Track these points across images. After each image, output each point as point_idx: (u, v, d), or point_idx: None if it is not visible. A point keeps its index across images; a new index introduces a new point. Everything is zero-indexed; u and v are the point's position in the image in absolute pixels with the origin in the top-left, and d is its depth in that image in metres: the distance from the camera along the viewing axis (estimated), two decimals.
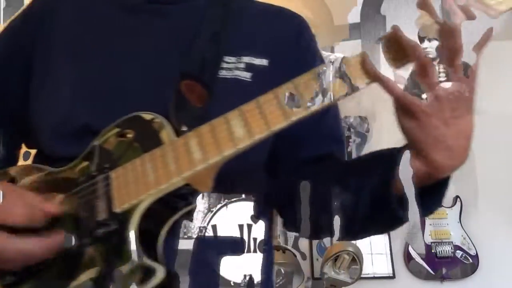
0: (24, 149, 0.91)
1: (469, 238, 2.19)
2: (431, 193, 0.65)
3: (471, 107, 0.60)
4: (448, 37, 0.56)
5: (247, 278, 0.73)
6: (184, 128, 0.67)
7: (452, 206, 2.25)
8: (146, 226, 0.64)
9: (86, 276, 0.63)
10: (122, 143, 0.70)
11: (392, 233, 2.23)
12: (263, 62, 0.80)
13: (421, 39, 0.58)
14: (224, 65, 0.78)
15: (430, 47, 0.57)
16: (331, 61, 0.60)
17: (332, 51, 2.39)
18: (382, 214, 0.68)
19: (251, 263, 0.75)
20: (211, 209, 0.75)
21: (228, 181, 0.73)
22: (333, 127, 0.86)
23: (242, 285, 0.74)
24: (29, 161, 0.84)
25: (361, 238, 0.80)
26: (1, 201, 0.64)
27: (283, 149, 0.80)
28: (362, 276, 1.96)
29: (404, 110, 0.59)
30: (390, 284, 2.20)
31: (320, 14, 2.46)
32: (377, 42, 0.60)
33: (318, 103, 0.59)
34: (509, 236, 2.20)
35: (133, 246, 0.61)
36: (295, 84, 0.60)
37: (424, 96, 0.59)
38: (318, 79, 0.60)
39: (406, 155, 0.62)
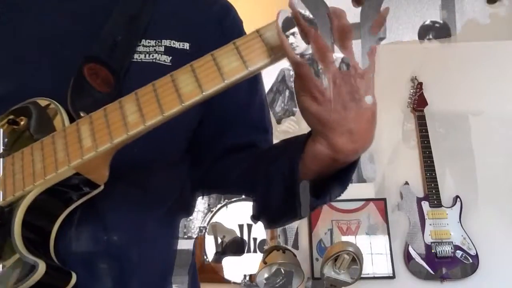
0: None
1: (469, 238, 2.19)
2: (338, 179, 0.65)
3: (370, 89, 0.59)
4: (336, 18, 0.56)
5: (247, 278, 0.73)
6: (83, 115, 0.64)
7: (452, 206, 2.25)
8: (35, 218, 0.60)
9: None
10: (14, 132, 0.66)
11: (392, 233, 2.24)
12: (185, 45, 0.77)
13: None
14: (142, 49, 0.74)
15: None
16: (243, 40, 0.59)
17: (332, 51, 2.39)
18: (291, 201, 0.66)
19: (251, 263, 0.75)
20: (211, 209, 0.75)
21: (146, 174, 0.71)
22: (258, 116, 0.84)
23: (242, 285, 0.74)
24: None
25: (282, 225, 0.78)
26: None
27: (207, 137, 0.79)
28: (362, 276, 1.96)
29: (304, 88, 0.58)
30: (390, 284, 2.19)
31: None
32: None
33: (215, 87, 0.57)
34: (509, 236, 2.20)
35: (15, 240, 0.57)
36: (193, 67, 0.58)
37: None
38: (216, 62, 0.58)
39: None
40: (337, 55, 0.57)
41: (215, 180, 0.79)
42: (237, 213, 2.03)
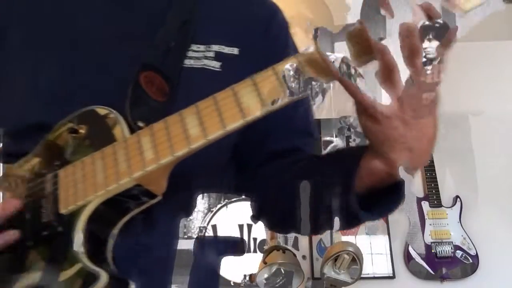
0: None
1: (469, 238, 2.19)
2: (392, 192, 0.64)
3: (433, 108, 0.58)
4: (406, 36, 0.54)
5: (247, 278, 0.73)
6: (141, 124, 0.64)
7: (452, 206, 2.25)
8: (94, 228, 0.61)
9: (28, 281, 0.61)
10: (74, 140, 0.66)
11: (392, 233, 2.24)
12: (234, 51, 0.76)
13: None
14: (192, 54, 0.73)
15: (430, 47, 0.56)
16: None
17: (332, 51, 2.39)
18: (342, 213, 0.66)
19: (251, 263, 0.75)
20: (211, 209, 0.75)
21: (189, 178, 0.71)
22: (303, 120, 0.83)
23: (242, 285, 0.74)
24: None
25: (323, 232, 0.78)
26: None
27: (251, 142, 0.78)
28: (362, 276, 1.96)
29: (364, 111, 0.57)
30: (390, 284, 2.19)
31: (320, 14, 2.46)
32: (342, 35, 0.59)
33: (279, 103, 0.56)
34: (509, 236, 2.20)
35: (77, 250, 0.58)
36: (254, 81, 0.57)
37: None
38: (278, 77, 0.56)
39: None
40: (337, 55, 0.57)
41: (258, 185, 0.78)
42: (237, 213, 2.03)
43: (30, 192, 0.66)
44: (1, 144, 0.82)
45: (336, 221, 0.68)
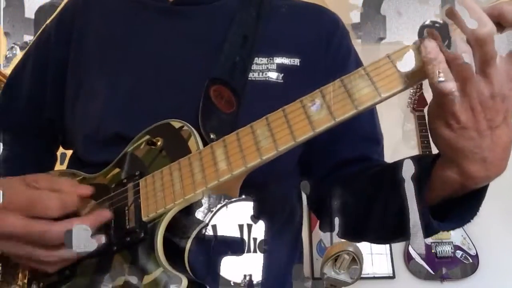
0: (60, 150, 0.94)
1: (469, 238, 2.19)
2: (466, 203, 0.62)
3: (508, 117, 0.56)
4: (477, 46, 0.52)
5: (247, 278, 0.73)
6: (213, 136, 0.67)
7: None
8: (173, 234, 0.64)
9: (115, 283, 0.64)
10: (152, 151, 0.70)
11: None
12: (295, 62, 0.78)
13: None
14: (255, 67, 0.77)
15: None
16: (375, 67, 0.57)
17: None
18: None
19: (251, 263, 0.75)
20: (211, 209, 0.75)
21: (258, 187, 0.72)
22: (369, 128, 0.83)
23: (242, 285, 0.74)
24: (66, 164, 0.86)
25: (393, 242, 0.78)
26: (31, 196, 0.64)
27: (317, 150, 0.79)
28: (362, 276, 1.96)
29: (439, 115, 0.56)
30: (390, 284, 2.20)
31: None
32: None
33: (347, 114, 0.57)
34: (509, 236, 2.20)
35: (159, 255, 0.62)
36: (323, 93, 0.58)
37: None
38: (346, 88, 0.57)
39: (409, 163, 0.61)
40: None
41: (324, 194, 0.79)
42: (237, 213, 2.03)
43: (114, 200, 0.70)
44: (1, 145, 0.83)
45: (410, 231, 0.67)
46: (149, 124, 0.72)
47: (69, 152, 0.87)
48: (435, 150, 0.61)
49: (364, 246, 2.15)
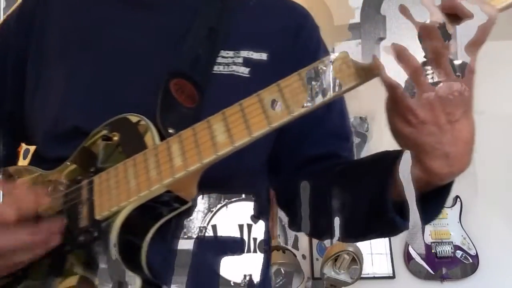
0: (24, 146, 0.91)
1: (469, 238, 2.19)
2: (432, 200, 0.62)
3: (468, 110, 0.56)
4: (429, 37, 0.53)
5: (247, 278, 0.73)
6: (172, 131, 0.65)
7: (452, 206, 2.25)
8: (128, 233, 0.62)
9: (67, 284, 0.63)
10: (108, 147, 0.69)
11: None
12: (262, 56, 0.76)
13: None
14: (221, 60, 0.74)
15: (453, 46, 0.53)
16: (331, 61, 0.57)
17: (333, 51, 2.40)
18: (379, 220, 0.66)
19: (251, 263, 0.75)
20: (211, 209, 0.74)
21: (226, 182, 0.72)
22: (338, 124, 0.82)
23: (242, 285, 0.73)
24: (28, 159, 0.84)
25: (362, 240, 0.77)
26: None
27: (286, 146, 0.78)
28: (362, 276, 1.96)
29: (396, 111, 0.56)
30: (390, 284, 2.19)
31: (320, 14, 2.46)
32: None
33: (305, 108, 0.56)
34: (509, 236, 2.20)
35: (113, 255, 0.60)
36: (280, 87, 0.57)
37: None
38: (304, 82, 0.56)
39: (407, 158, 0.59)
40: (338, 55, 0.57)
41: (293, 192, 0.77)
42: (237, 213, 2.03)
43: (68, 198, 0.68)
44: (1, 145, 0.83)
45: (376, 229, 0.70)
46: (108, 118, 0.70)
47: (33, 148, 0.84)
48: None
49: (364, 246, 2.15)
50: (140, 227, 0.64)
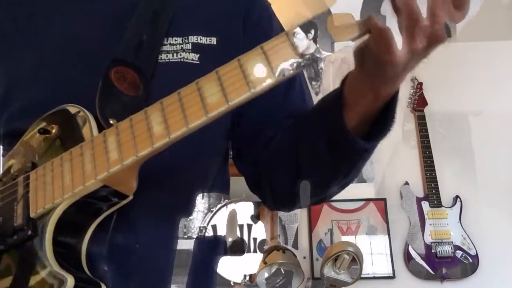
0: None
1: (469, 238, 2.19)
2: (383, 114, 0.61)
3: (442, 38, 0.55)
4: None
5: (247, 278, 0.72)
6: (112, 122, 0.61)
7: (452, 206, 2.25)
8: (65, 230, 0.60)
9: (1, 285, 0.60)
10: (46, 140, 0.65)
11: (392, 233, 2.24)
12: (212, 40, 0.73)
13: None
14: (168, 48, 0.71)
15: None
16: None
17: (332, 51, 2.39)
18: (342, 151, 0.63)
19: (251, 263, 0.75)
20: (211, 209, 0.74)
21: (174, 175, 0.69)
22: (299, 102, 0.78)
23: (242, 285, 0.73)
24: None
25: (332, 192, 0.74)
26: None
27: (247, 133, 0.76)
28: (362, 276, 1.96)
29: (378, 50, 0.54)
30: (390, 284, 2.19)
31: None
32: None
33: (241, 97, 0.52)
34: (509, 236, 2.20)
35: (47, 254, 0.57)
36: (219, 75, 0.53)
37: None
38: (242, 68, 0.52)
39: None
40: (337, 55, 0.56)
41: (258, 174, 0.75)
42: (237, 213, 2.03)
43: (3, 195, 0.65)
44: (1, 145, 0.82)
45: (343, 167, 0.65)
46: (47, 110, 0.66)
47: None
48: (435, 151, 0.61)
49: (364, 246, 2.15)
50: (78, 224, 0.61)
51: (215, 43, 0.73)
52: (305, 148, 0.67)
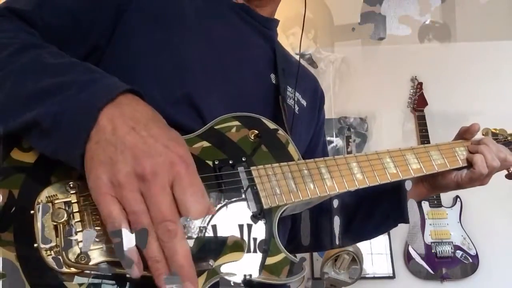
0: None
1: (469, 238, 2.19)
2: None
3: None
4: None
5: (247, 278, 0.73)
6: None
7: (452, 206, 2.26)
8: (281, 225, 0.73)
9: (230, 258, 0.68)
10: (250, 142, 0.72)
11: (392, 233, 2.24)
12: (304, 102, 0.93)
13: None
14: (288, 93, 0.88)
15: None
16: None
17: (332, 51, 2.39)
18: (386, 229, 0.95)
19: (251, 263, 0.75)
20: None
21: None
22: (324, 153, 1.04)
23: (242, 285, 0.73)
24: None
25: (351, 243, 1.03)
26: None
27: None
28: (362, 276, 1.96)
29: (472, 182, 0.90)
30: (390, 284, 2.20)
31: (320, 14, 2.46)
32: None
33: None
34: (509, 236, 2.20)
35: (278, 240, 0.69)
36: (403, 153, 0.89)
37: None
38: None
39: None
40: (337, 55, 0.57)
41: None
42: (237, 213, 2.03)
43: (224, 179, 0.68)
44: (1, 144, 0.82)
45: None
46: (220, 102, 0.74)
47: None
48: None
49: (364, 246, 2.15)
50: (287, 220, 0.84)
51: (305, 105, 0.94)
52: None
